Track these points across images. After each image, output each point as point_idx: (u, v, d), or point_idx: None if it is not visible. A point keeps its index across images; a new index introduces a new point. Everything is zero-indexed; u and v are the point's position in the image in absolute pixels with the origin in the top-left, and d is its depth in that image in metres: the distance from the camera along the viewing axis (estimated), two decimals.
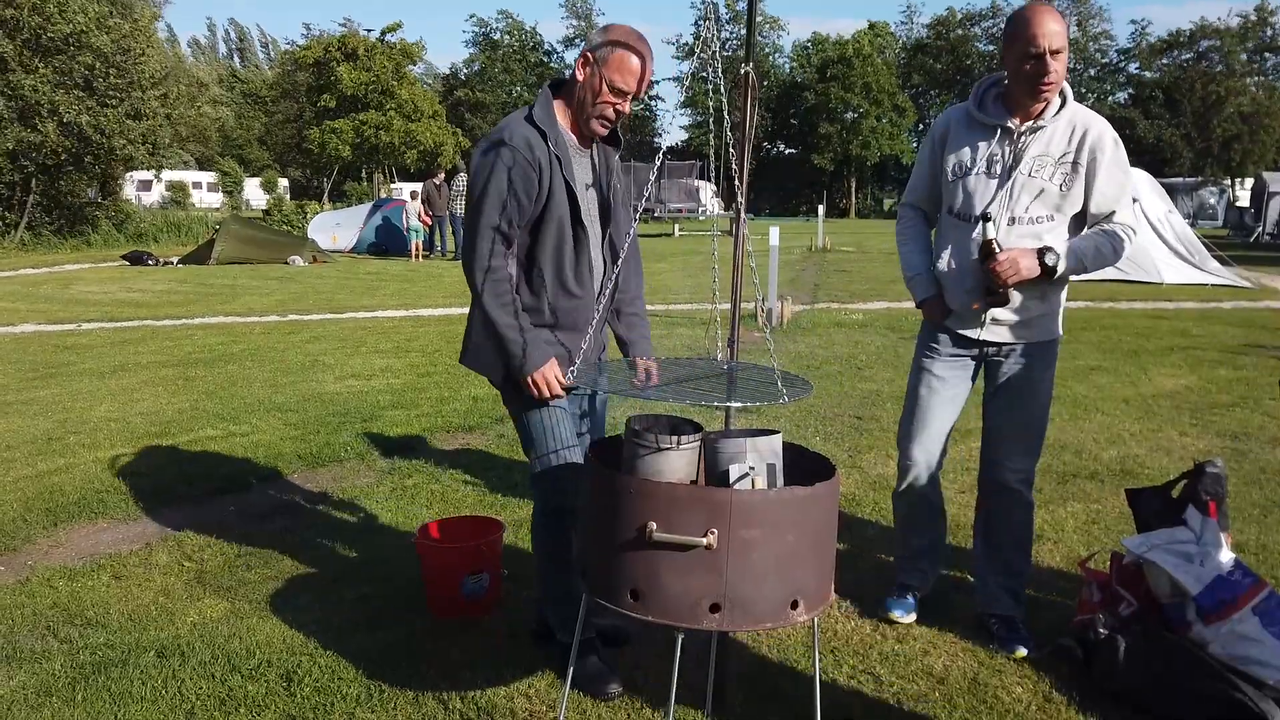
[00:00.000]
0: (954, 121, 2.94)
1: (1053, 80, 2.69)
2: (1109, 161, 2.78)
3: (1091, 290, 12.76)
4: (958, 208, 2.88)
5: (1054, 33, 2.65)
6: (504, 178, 2.51)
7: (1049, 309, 2.90)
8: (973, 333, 2.93)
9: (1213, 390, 6.65)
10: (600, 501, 2.16)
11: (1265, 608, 2.62)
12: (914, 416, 3.09)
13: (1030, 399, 2.94)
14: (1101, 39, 60.35)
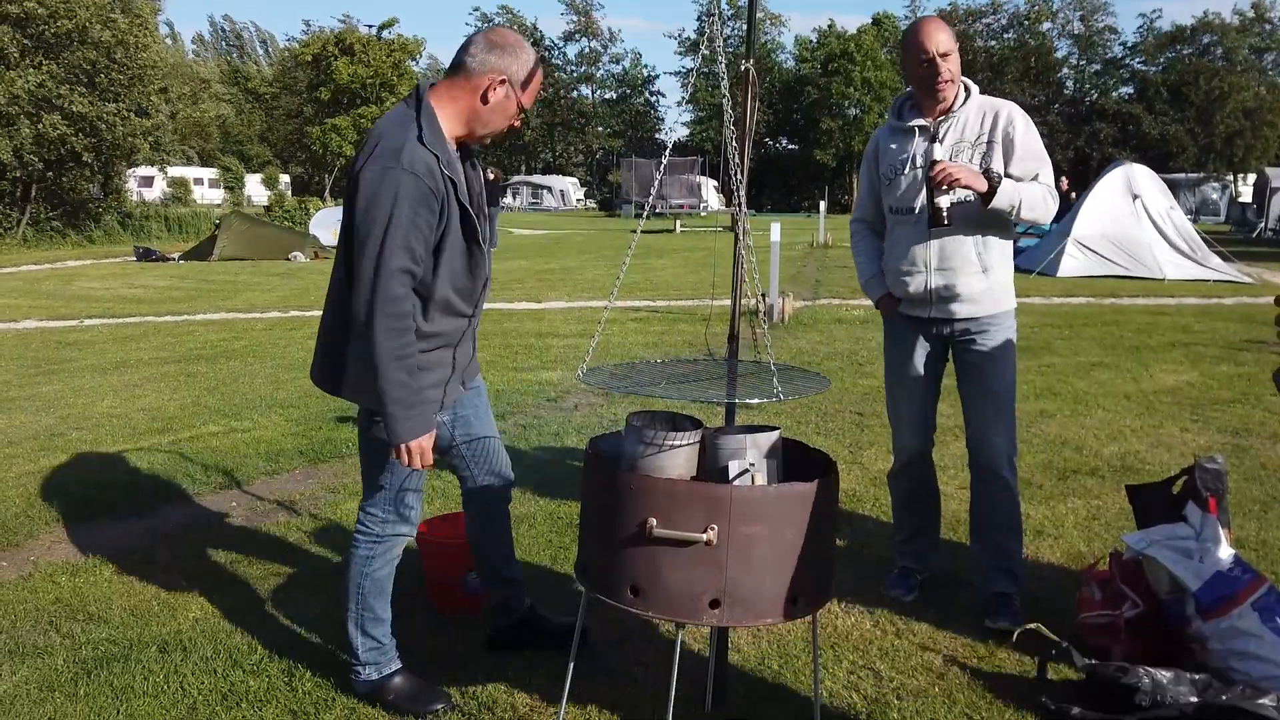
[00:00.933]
0: (881, 136, 3.24)
1: (946, 79, 2.96)
2: (1021, 134, 3.00)
3: (1093, 286, 12.76)
4: (895, 204, 3.14)
5: (940, 39, 2.96)
6: (407, 210, 2.23)
7: (992, 283, 3.07)
8: (923, 313, 3.13)
9: (1214, 386, 6.65)
10: (600, 498, 2.17)
11: (1265, 603, 2.62)
12: (892, 402, 3.33)
13: (990, 374, 3.10)
14: (1106, 33, 60.21)
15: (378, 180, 2.25)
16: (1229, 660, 2.59)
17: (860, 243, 3.35)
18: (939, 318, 3.10)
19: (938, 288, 3.06)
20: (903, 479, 3.38)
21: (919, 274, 3.07)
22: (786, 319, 9.79)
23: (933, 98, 3.01)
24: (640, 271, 15.46)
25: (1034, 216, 2.97)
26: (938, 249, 3.04)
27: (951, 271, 3.04)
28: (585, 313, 10.67)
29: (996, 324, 3.08)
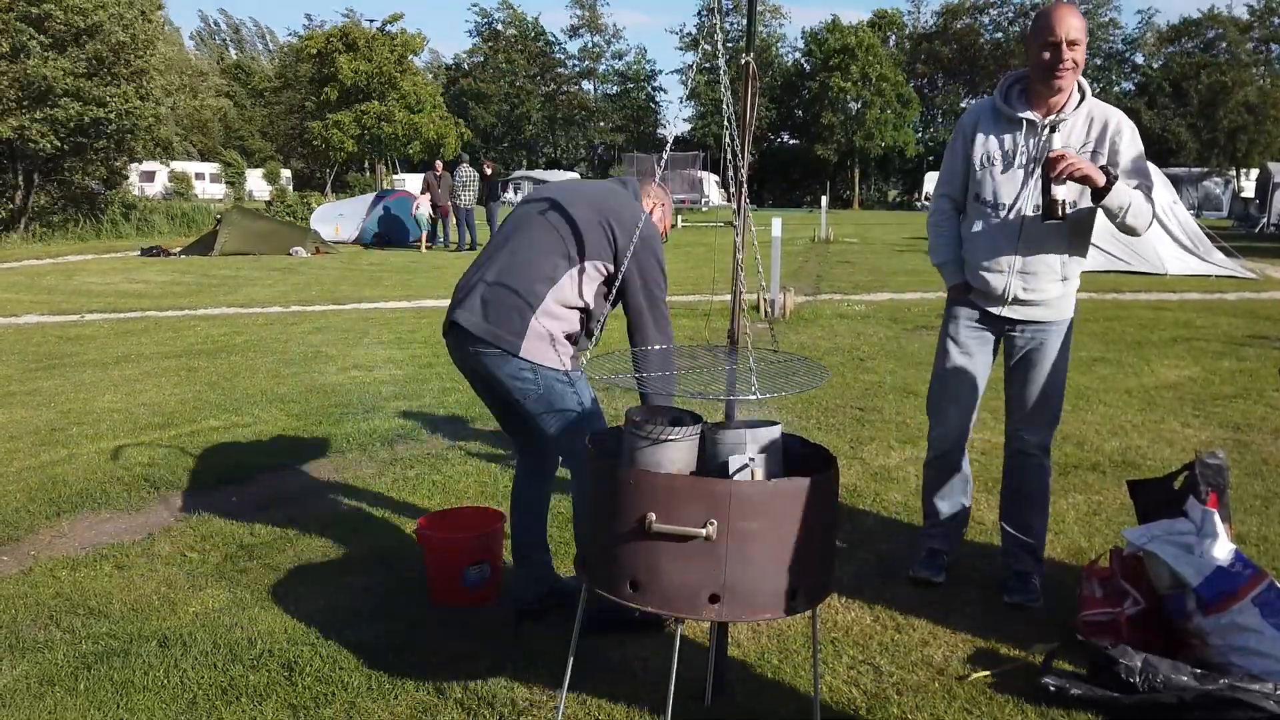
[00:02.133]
0: (982, 115, 3.14)
1: (1067, 68, 2.85)
2: (1127, 145, 2.95)
3: (1096, 282, 12.72)
4: (985, 197, 3.08)
5: (1072, 25, 2.83)
6: None
7: (1067, 290, 3.11)
8: (996, 309, 3.14)
9: (1215, 381, 6.64)
10: (599, 493, 2.17)
11: (1265, 599, 2.62)
12: (942, 389, 3.32)
13: (1045, 373, 3.17)
14: (1110, 28, 60.08)
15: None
16: (1229, 655, 2.58)
17: (942, 222, 3.28)
18: (1010, 317, 3.14)
19: (1018, 289, 3.07)
20: (941, 467, 3.41)
21: (1001, 273, 3.07)
22: (788, 314, 9.78)
23: (1049, 87, 2.91)
24: None
25: (1136, 224, 2.94)
26: (1023, 254, 3.03)
27: (1034, 276, 3.05)
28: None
29: (1059, 327, 3.15)
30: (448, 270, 15.27)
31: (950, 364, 3.28)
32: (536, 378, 2.74)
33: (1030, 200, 2.99)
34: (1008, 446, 3.34)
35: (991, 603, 3.26)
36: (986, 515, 3.97)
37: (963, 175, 3.18)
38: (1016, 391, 3.24)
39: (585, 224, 2.79)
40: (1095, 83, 60.09)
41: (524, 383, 2.75)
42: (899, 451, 5.00)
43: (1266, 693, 2.35)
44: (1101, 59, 60.66)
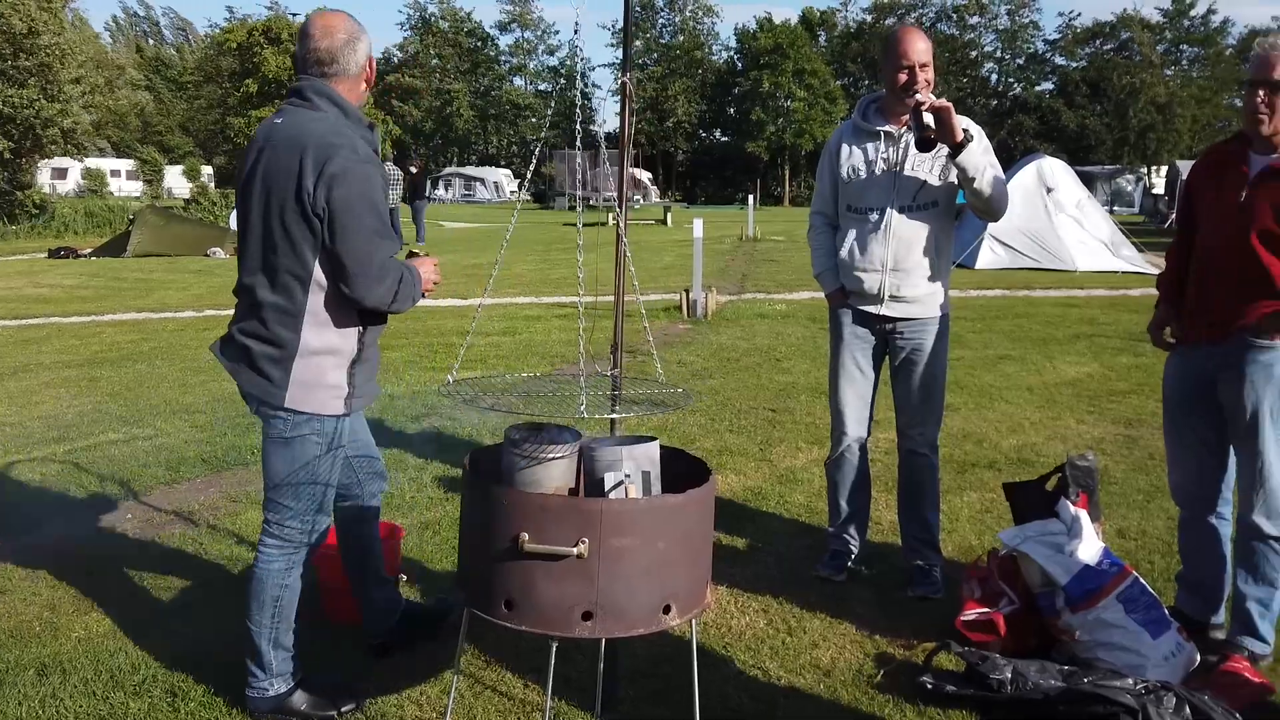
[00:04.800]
0: (844, 133, 3.44)
1: (920, 87, 3.07)
2: (980, 139, 3.11)
3: (1009, 279, 13.11)
4: (854, 203, 3.32)
5: (920, 49, 3.12)
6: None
7: (937, 288, 3.30)
8: (873, 309, 3.32)
9: (1112, 377, 6.91)
10: (474, 512, 2.17)
11: (1129, 594, 2.75)
12: (836, 391, 3.50)
13: (926, 372, 3.35)
14: (1030, 29, 61.82)
15: (360, 168, 2.36)
16: (1096, 650, 2.70)
17: (817, 235, 3.50)
18: (887, 315, 3.31)
19: (892, 287, 3.26)
20: (841, 466, 3.55)
21: (874, 273, 3.27)
22: (710, 314, 9.87)
23: (903, 105, 3.12)
24: (568, 266, 15.42)
25: (993, 192, 3.11)
26: (894, 252, 3.23)
27: (905, 273, 3.25)
28: (511, 309, 10.61)
29: (934, 324, 3.33)
30: None
31: (840, 367, 3.46)
32: None
33: (895, 203, 3.22)
34: (899, 446, 3.53)
35: (885, 601, 3.35)
36: (885, 515, 4.08)
37: (832, 191, 3.41)
38: (902, 392, 3.42)
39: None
40: (1017, 82, 61.92)
41: None
42: (806, 452, 5.10)
43: (1125, 688, 2.46)
44: (1023, 59, 62.40)
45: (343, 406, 2.48)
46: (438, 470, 4.77)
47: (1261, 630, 2.83)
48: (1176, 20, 56.97)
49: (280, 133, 2.37)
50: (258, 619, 2.55)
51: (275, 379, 2.40)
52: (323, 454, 2.49)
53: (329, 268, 2.35)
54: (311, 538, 2.59)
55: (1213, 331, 2.81)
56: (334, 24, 2.43)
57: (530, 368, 7.31)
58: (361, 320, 2.47)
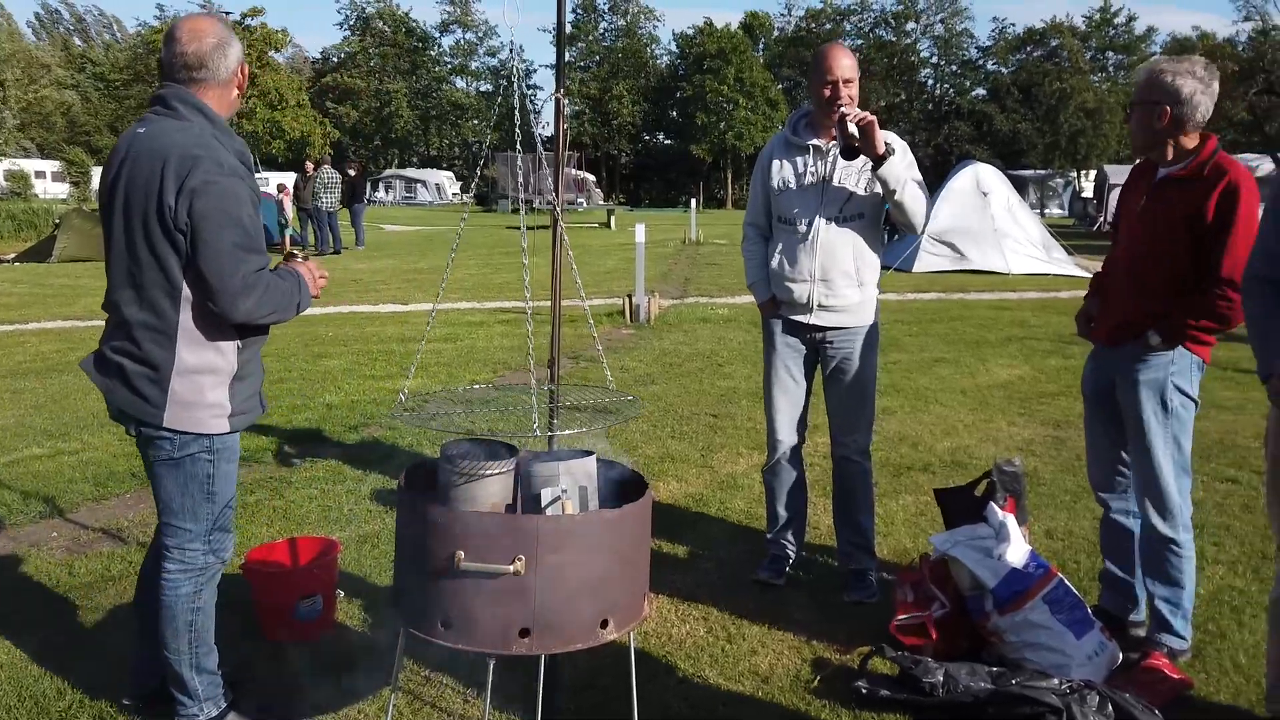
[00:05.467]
0: (775, 147, 3.46)
1: (844, 102, 3.15)
2: (904, 155, 3.22)
3: (944, 282, 13.40)
4: (784, 215, 3.39)
5: (845, 65, 3.21)
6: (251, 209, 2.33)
7: (865, 297, 3.38)
8: (803, 318, 3.39)
9: (1042, 379, 7.11)
10: (410, 531, 2.16)
11: (1054, 596, 2.83)
12: (770, 399, 3.54)
13: (856, 381, 3.43)
14: (964, 37, 63.15)
15: (225, 180, 2.29)
16: (1023, 651, 2.79)
17: (750, 246, 3.57)
18: (816, 324, 3.38)
19: (820, 296, 3.33)
20: (778, 473, 3.61)
21: (803, 282, 3.34)
22: (652, 319, 9.91)
23: (830, 119, 3.21)
24: (512, 270, 15.34)
25: (913, 205, 3.21)
26: (821, 261, 3.31)
27: (832, 283, 3.32)
28: (453, 315, 10.52)
29: (862, 333, 3.40)
30: None
31: (772, 375, 3.53)
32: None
33: (822, 214, 3.29)
34: (832, 452, 3.59)
35: (822, 605, 3.41)
36: (823, 519, 4.14)
37: (764, 203, 3.48)
38: (833, 400, 3.49)
39: None
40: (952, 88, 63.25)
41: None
42: (747, 458, 5.15)
43: (1051, 688, 2.54)
44: (958, 66, 63.77)
45: (226, 425, 2.39)
46: (376, 481, 4.72)
47: (1176, 627, 2.95)
48: (1102, 28, 58.80)
49: (141, 143, 2.28)
50: (175, 647, 2.49)
51: (152, 398, 2.31)
52: (215, 471, 2.42)
53: (193, 283, 2.27)
54: (216, 557, 2.53)
55: (1113, 334, 2.94)
56: (203, 28, 2.35)
57: (473, 375, 7.27)
58: (239, 334, 2.38)
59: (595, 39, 64.84)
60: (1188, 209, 2.74)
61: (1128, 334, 2.87)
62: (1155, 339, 2.79)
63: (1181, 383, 2.83)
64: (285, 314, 2.39)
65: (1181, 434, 2.86)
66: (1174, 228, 2.76)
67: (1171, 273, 2.79)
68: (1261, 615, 3.24)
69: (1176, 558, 2.91)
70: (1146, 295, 2.83)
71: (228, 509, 2.52)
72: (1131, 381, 2.86)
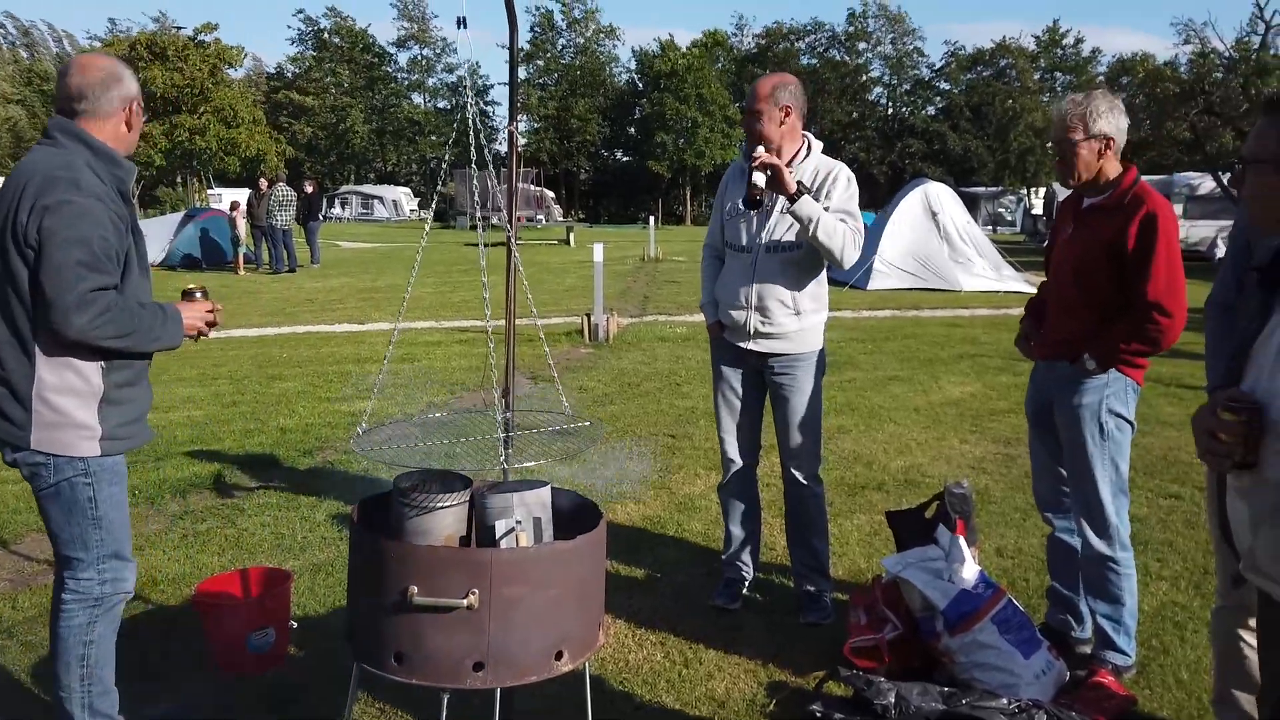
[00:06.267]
0: (731, 173, 3.53)
1: (755, 130, 3.27)
2: (840, 189, 3.31)
3: (899, 299, 13.59)
4: (730, 239, 3.47)
5: (752, 95, 3.31)
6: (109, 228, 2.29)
7: (803, 325, 3.39)
8: (744, 344, 3.44)
9: (993, 397, 7.24)
10: (362, 565, 2.15)
11: (1002, 616, 2.89)
12: (720, 419, 3.60)
13: (799, 408, 3.44)
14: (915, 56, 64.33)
15: (84, 200, 2.29)
16: (973, 671, 2.84)
17: (705, 268, 3.63)
18: (755, 350, 3.42)
19: (756, 323, 3.37)
20: (729, 491, 3.67)
21: (741, 309, 3.39)
22: (611, 338, 9.93)
23: (752, 146, 3.28)
24: (470, 288, 15.29)
25: (829, 243, 3.21)
26: (758, 289, 3.35)
27: (768, 310, 3.36)
28: (411, 335, 10.45)
29: (805, 361, 3.41)
30: (263, 294, 14.61)
31: (719, 396, 3.59)
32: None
33: (765, 239, 3.34)
34: (784, 476, 3.59)
35: (778, 628, 3.44)
36: (779, 540, 4.18)
37: (719, 226, 3.54)
38: (780, 426, 3.51)
39: None
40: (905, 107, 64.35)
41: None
42: (704, 479, 5.18)
43: (999, 708, 2.59)
44: (910, 85, 64.93)
45: (97, 448, 2.34)
46: (331, 508, 4.67)
47: (1120, 644, 3.02)
48: (1050, 49, 60.28)
49: (17, 170, 2.33)
50: (66, 683, 2.41)
51: (17, 419, 2.29)
52: (96, 495, 2.37)
53: (35, 297, 2.25)
54: (112, 588, 2.45)
55: (1050, 354, 3.03)
56: (91, 62, 2.39)
57: (430, 396, 7.22)
58: (102, 356, 2.32)
59: (554, 56, 65.01)
60: (1110, 236, 2.85)
61: (1064, 354, 2.96)
62: (1091, 363, 2.88)
63: (1117, 406, 2.92)
64: (139, 343, 2.34)
65: (1119, 456, 2.95)
66: (1098, 255, 2.87)
67: (1098, 298, 2.89)
68: (1203, 630, 3.34)
69: (1116, 576, 2.99)
70: (1077, 319, 2.94)
71: (121, 534, 2.44)
72: (1068, 405, 2.95)
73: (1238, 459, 1.54)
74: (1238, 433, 1.52)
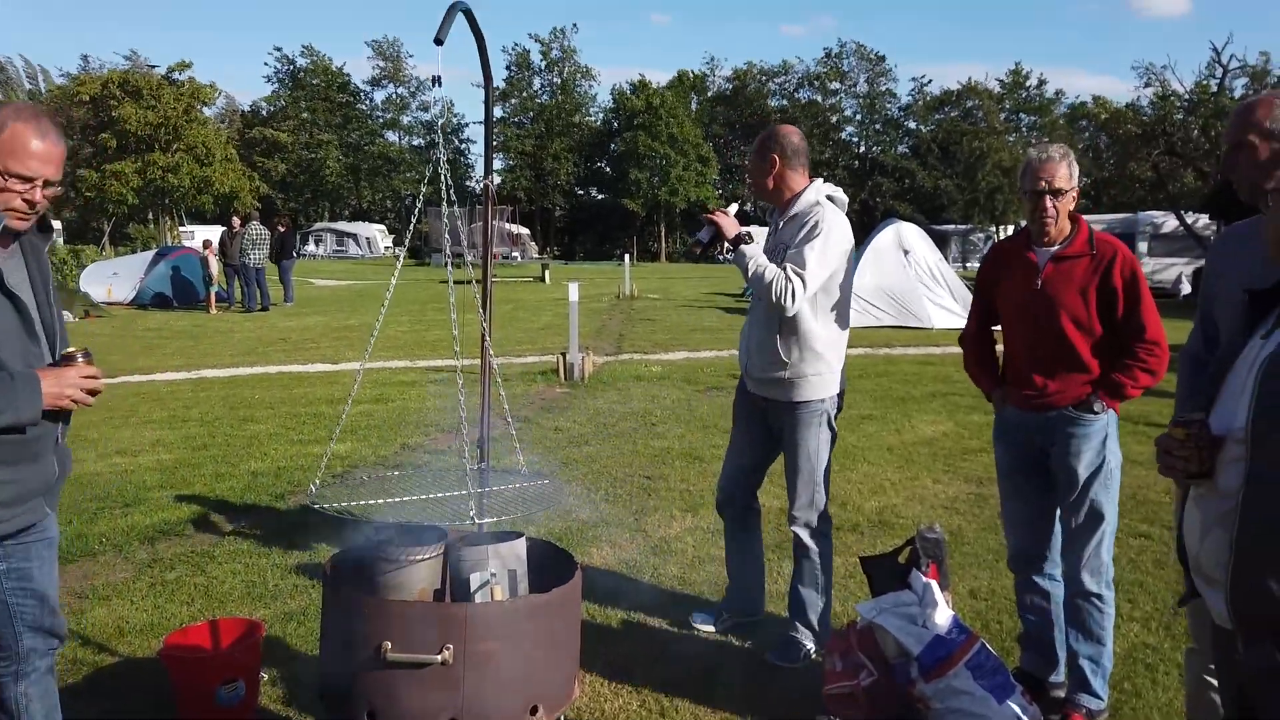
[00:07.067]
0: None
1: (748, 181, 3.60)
2: (804, 236, 3.35)
3: (871, 337, 13.73)
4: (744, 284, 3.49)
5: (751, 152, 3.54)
6: None
7: (797, 374, 3.41)
8: (750, 386, 3.59)
9: (965, 435, 7.31)
10: (335, 621, 2.14)
11: (976, 661, 2.90)
12: (726, 454, 3.79)
13: (795, 456, 3.50)
14: (886, 96, 65.53)
15: None
16: (948, 717, 2.84)
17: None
18: (755, 393, 3.56)
19: (752, 366, 3.50)
20: (723, 514, 3.81)
21: (743, 355, 3.58)
22: (586, 377, 9.94)
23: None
24: (445, 327, 15.25)
25: (761, 290, 3.30)
26: (753, 335, 3.48)
27: (760, 356, 3.45)
28: (385, 374, 10.40)
29: (800, 411, 3.44)
30: (234, 334, 14.50)
31: (732, 431, 3.76)
32: None
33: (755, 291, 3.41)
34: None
35: (756, 673, 3.43)
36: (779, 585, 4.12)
37: None
38: (785, 471, 3.57)
39: None
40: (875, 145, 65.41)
41: None
42: (680, 520, 5.18)
43: None
44: (880, 124, 66.08)
45: None
46: (303, 554, 4.62)
47: (1095, 686, 3.05)
48: (1014, 91, 61.67)
49: None
50: None
51: None
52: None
53: None
54: (17, 664, 2.27)
55: (1032, 402, 3.06)
56: None
57: (404, 437, 7.18)
58: None
59: (530, 95, 65.57)
60: (1085, 282, 2.93)
61: (1061, 401, 2.99)
62: (1099, 405, 2.93)
63: (1112, 443, 2.99)
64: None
65: (1115, 490, 3.02)
66: (1086, 302, 2.93)
67: (1096, 342, 2.96)
68: (1175, 672, 3.37)
69: (1100, 614, 3.03)
70: (1077, 365, 2.97)
71: (21, 608, 2.26)
72: (1073, 449, 2.98)
73: (1194, 469, 1.72)
74: (1189, 444, 1.71)
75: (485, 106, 2.60)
